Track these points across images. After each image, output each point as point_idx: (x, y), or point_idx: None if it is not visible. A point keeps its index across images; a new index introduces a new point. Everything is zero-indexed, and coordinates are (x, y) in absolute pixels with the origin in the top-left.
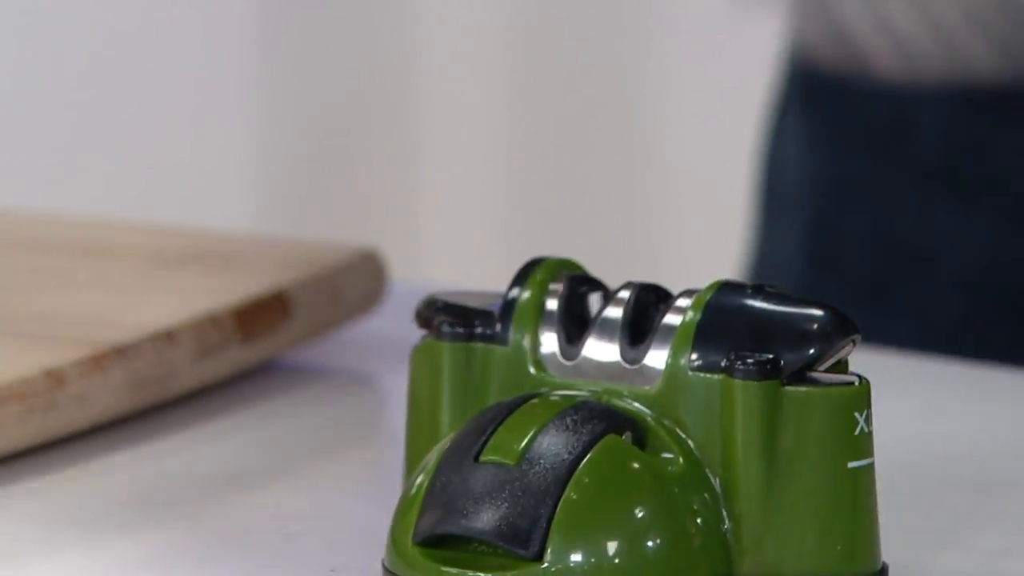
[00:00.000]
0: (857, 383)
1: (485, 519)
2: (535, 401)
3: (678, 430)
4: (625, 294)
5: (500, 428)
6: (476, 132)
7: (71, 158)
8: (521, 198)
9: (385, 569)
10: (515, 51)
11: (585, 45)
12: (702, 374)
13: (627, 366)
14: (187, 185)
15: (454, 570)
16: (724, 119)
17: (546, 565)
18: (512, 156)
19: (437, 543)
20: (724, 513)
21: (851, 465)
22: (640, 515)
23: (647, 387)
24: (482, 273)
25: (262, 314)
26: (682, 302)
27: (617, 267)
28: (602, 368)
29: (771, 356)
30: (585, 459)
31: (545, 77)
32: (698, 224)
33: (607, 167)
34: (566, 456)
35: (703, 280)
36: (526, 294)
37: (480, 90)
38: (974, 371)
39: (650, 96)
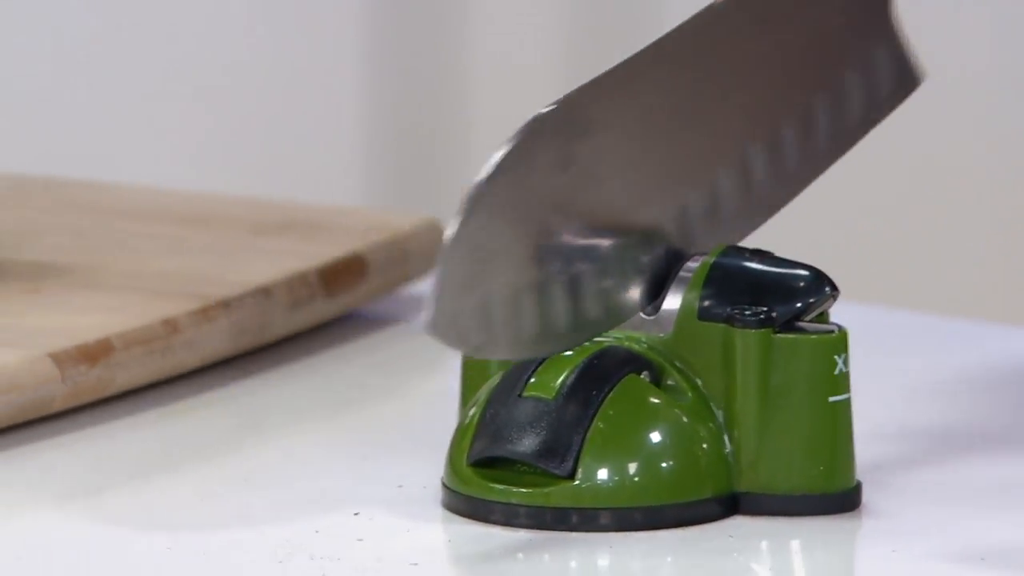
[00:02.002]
0: (836, 331)
1: (527, 444)
2: None
3: (688, 371)
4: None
5: (539, 369)
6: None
7: (181, 140)
8: None
9: (444, 485)
10: (571, 33)
11: (643, 16)
12: (708, 324)
13: (645, 317)
14: (280, 163)
15: (500, 486)
16: None
17: (577, 482)
18: None
19: (487, 464)
20: (726, 439)
21: (831, 399)
22: (656, 441)
23: (662, 334)
24: None
25: (343, 273)
26: (692, 263)
27: None
28: None
29: (765, 308)
30: (610, 394)
31: (598, 60)
32: None
33: None
34: (595, 392)
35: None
36: None
37: (534, 76)
38: (939, 321)
39: None
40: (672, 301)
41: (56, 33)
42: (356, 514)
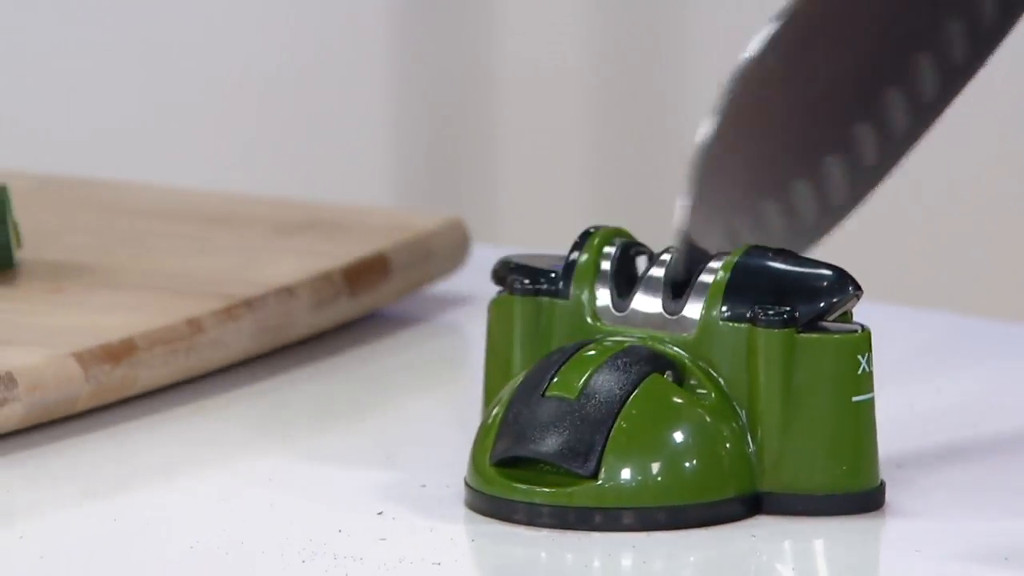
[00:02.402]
0: (860, 331)
1: (550, 444)
2: (592, 346)
3: (711, 370)
4: (667, 256)
5: (563, 368)
6: (550, 128)
7: (209, 140)
8: (581, 181)
9: (467, 485)
10: (597, 36)
11: (670, 18)
12: (731, 323)
13: (668, 317)
14: (307, 164)
15: (523, 486)
16: None
17: (600, 482)
18: (578, 152)
19: (510, 464)
20: (749, 439)
21: (855, 399)
22: (679, 440)
23: (685, 334)
24: (548, 239)
25: (366, 272)
26: (715, 263)
27: (663, 233)
28: (648, 319)
29: (788, 308)
30: (633, 394)
31: (624, 63)
32: None
33: (669, 152)
34: (618, 391)
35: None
36: (584, 256)
37: (560, 79)
38: (961, 321)
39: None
40: (695, 301)
41: (81, 32)
42: (379, 513)
